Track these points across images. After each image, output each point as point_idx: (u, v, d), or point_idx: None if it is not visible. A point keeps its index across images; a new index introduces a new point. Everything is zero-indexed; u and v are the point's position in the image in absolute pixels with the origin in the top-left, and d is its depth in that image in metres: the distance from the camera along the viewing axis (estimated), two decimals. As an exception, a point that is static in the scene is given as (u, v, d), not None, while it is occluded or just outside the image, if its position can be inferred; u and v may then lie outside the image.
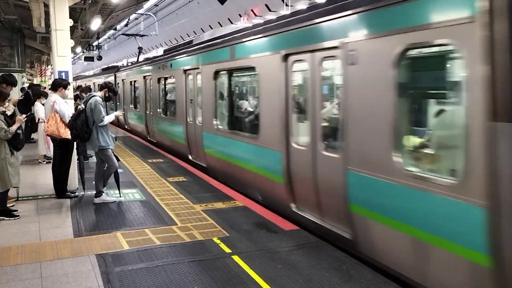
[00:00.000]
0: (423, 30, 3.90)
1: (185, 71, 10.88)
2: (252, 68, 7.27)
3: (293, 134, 6.21)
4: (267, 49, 6.68)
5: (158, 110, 13.77)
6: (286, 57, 6.17)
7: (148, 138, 15.19)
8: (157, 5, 25.69)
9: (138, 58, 21.93)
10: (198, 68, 9.94)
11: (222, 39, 8.71)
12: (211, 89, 9.15)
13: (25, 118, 6.57)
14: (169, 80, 13.00)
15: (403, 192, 4.19)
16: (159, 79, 13.62)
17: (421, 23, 3.92)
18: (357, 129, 4.83)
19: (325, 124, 5.65)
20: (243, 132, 7.98)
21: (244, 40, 7.56)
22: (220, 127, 8.85)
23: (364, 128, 4.71)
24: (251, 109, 8.31)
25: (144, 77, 15.42)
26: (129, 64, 22.50)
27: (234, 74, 8.70)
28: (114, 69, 22.76)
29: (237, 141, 7.90)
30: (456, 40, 3.62)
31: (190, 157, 10.87)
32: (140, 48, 22.16)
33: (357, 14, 4.73)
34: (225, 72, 8.67)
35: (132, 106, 18.03)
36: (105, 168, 7.16)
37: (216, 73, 8.93)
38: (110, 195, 7.36)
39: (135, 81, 17.42)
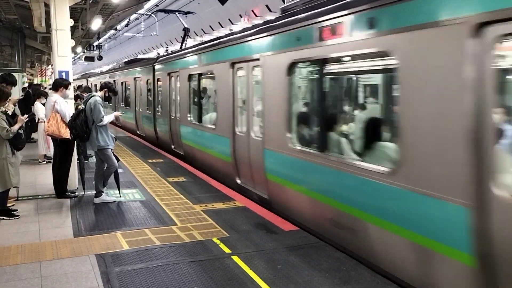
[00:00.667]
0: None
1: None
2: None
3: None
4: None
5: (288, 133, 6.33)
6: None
7: (238, 179, 8.24)
8: (158, 5, 25.69)
9: (182, 44, 16.40)
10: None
11: None
12: None
13: (27, 118, 6.58)
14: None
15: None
16: (292, 65, 6.16)
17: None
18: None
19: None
20: None
21: None
22: None
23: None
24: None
25: (233, 64, 8.18)
26: (174, 52, 14.73)
27: None
28: (151, 61, 15.66)
29: None
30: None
31: None
32: (186, 30, 16.37)
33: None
34: None
35: (191, 116, 10.89)
36: (105, 168, 7.17)
37: None
38: (110, 195, 7.37)
39: (202, 76, 10.43)
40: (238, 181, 8.14)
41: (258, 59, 7.06)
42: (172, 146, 12.61)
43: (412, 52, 4.04)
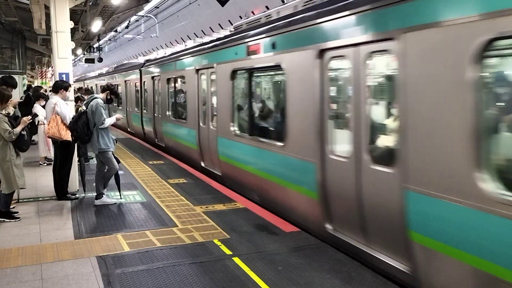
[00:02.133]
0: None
1: None
2: None
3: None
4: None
5: None
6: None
7: None
8: (158, 7, 25.71)
9: None
10: None
11: None
12: None
13: (30, 120, 6.59)
14: None
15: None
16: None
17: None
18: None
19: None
20: None
21: None
22: None
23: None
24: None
25: None
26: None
27: None
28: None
29: None
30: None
31: None
32: None
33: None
34: None
35: None
36: (106, 170, 7.17)
37: None
38: (111, 197, 7.36)
39: None
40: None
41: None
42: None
43: None
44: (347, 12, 4.91)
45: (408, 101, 4.13)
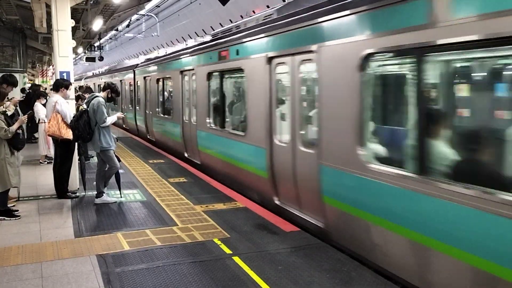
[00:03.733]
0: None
1: None
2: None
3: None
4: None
5: None
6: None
7: None
8: (159, 6, 25.71)
9: None
10: None
11: None
12: None
13: (26, 119, 6.59)
14: None
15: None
16: None
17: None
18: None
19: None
20: None
21: None
22: None
23: None
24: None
25: None
26: None
27: None
28: None
29: None
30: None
31: None
32: None
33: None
34: None
35: None
36: (106, 168, 7.17)
37: None
38: (111, 195, 7.37)
39: None
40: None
41: None
42: None
43: None
44: None
45: None
